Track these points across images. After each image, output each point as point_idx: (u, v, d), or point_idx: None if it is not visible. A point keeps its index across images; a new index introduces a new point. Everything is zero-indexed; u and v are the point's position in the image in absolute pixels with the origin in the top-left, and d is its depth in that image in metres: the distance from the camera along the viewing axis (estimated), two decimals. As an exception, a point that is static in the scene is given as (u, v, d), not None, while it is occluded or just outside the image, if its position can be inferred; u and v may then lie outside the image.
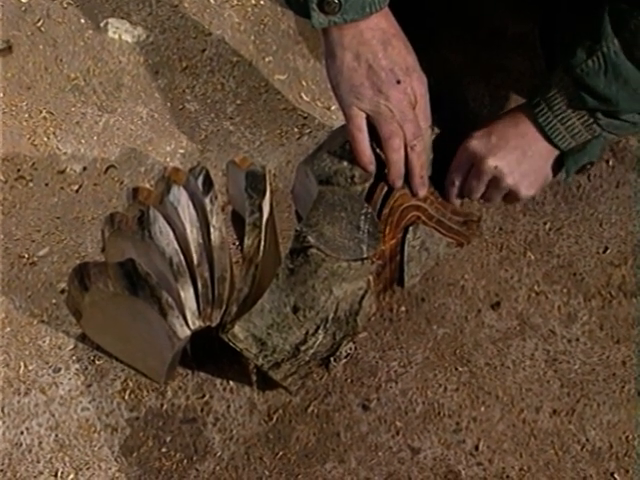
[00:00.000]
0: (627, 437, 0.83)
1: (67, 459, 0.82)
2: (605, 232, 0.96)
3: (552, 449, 0.83)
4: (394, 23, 0.77)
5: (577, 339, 0.89)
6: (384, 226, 0.82)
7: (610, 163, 1.00)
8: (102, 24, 1.10)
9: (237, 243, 0.95)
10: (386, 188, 0.82)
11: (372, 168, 0.80)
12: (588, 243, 0.95)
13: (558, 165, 0.84)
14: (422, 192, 0.83)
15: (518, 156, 0.82)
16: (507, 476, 0.81)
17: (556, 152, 0.82)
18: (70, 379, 0.86)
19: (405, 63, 0.76)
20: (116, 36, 1.10)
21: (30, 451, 0.82)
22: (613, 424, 0.84)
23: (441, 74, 1.03)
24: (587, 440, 0.83)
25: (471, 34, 1.03)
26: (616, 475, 0.81)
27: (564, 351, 0.88)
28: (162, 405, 0.85)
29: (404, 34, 0.77)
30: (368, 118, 0.77)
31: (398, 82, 0.75)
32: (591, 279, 0.93)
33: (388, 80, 0.75)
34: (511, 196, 0.86)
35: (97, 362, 0.87)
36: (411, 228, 0.85)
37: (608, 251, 0.95)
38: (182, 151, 1.03)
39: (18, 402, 0.84)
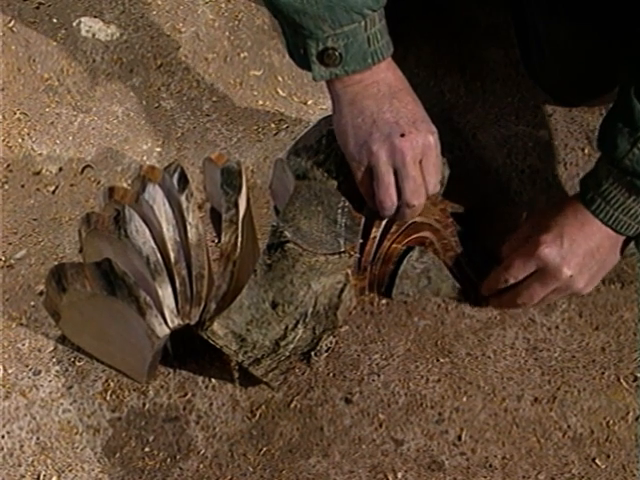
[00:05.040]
0: (608, 422, 0.84)
1: (49, 462, 0.81)
2: (582, 220, 0.96)
3: (534, 437, 0.83)
4: (401, 76, 0.75)
5: (557, 327, 0.89)
6: (395, 226, 0.81)
7: (586, 151, 1.00)
8: (75, 23, 1.09)
9: (216, 240, 0.95)
10: None
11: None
12: (566, 231, 0.96)
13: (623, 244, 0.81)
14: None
15: (589, 260, 0.78)
16: (490, 465, 0.81)
17: (624, 237, 0.80)
18: (50, 381, 0.85)
19: (412, 116, 0.74)
20: (89, 35, 1.09)
21: (12, 455, 0.81)
22: (594, 410, 0.84)
23: (414, 66, 1.03)
24: (568, 427, 0.83)
25: (443, 25, 1.03)
26: (597, 460, 0.82)
27: (544, 339, 0.88)
28: (144, 405, 0.84)
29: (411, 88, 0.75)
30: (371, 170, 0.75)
31: (402, 135, 0.73)
32: (569, 267, 0.93)
33: (393, 133, 0.73)
34: (566, 294, 0.83)
35: (77, 363, 0.86)
36: (419, 248, 0.84)
37: (586, 239, 0.95)
38: (159, 149, 1.02)
39: (-2, 406, 0.84)
